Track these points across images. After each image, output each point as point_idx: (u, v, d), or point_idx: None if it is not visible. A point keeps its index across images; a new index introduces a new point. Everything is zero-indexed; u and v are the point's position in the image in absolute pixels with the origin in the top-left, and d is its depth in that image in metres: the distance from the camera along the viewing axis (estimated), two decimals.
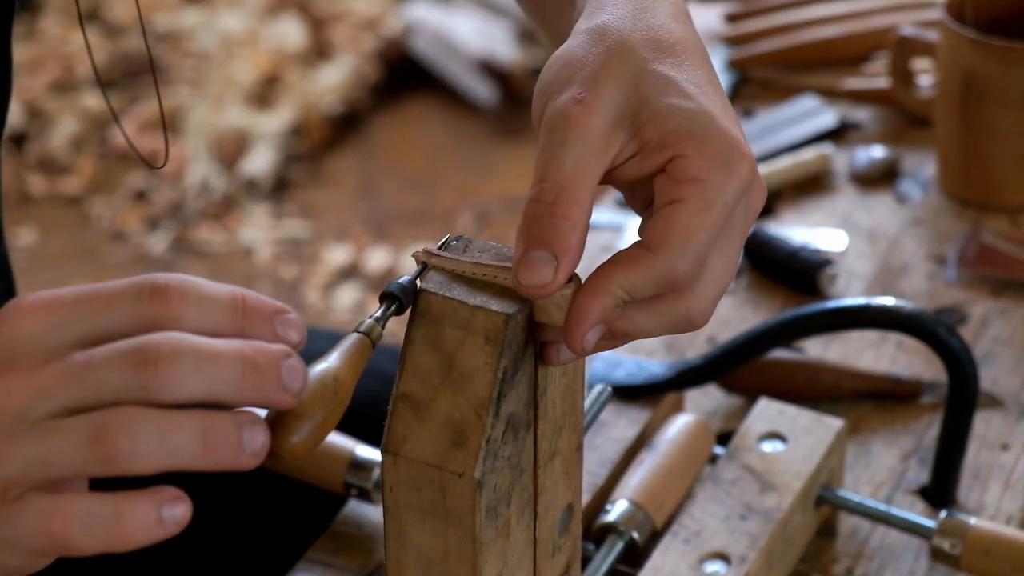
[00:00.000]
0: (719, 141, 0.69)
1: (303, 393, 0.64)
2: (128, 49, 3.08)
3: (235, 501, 1.06)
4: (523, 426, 0.73)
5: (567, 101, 0.69)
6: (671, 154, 0.69)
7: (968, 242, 1.22)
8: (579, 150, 0.68)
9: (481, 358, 0.70)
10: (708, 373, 1.02)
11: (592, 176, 0.68)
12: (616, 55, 0.70)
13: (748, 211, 0.71)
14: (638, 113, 0.69)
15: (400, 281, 0.71)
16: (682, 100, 0.69)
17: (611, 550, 0.91)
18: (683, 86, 0.69)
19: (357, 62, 2.99)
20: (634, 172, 0.70)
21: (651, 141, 0.69)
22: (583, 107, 0.68)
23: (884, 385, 1.08)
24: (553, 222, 0.68)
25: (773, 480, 0.93)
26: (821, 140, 1.36)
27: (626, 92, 0.69)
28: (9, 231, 2.72)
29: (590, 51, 0.70)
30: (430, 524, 0.72)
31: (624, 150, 0.70)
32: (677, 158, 0.68)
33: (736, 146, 0.69)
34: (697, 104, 0.69)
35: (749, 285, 1.20)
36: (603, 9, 0.73)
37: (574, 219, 0.68)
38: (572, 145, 0.68)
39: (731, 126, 0.70)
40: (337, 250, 2.68)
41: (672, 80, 0.69)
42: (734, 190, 0.69)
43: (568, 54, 0.71)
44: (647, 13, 0.72)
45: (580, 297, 0.69)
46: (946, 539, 0.92)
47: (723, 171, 0.68)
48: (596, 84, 0.69)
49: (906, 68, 1.32)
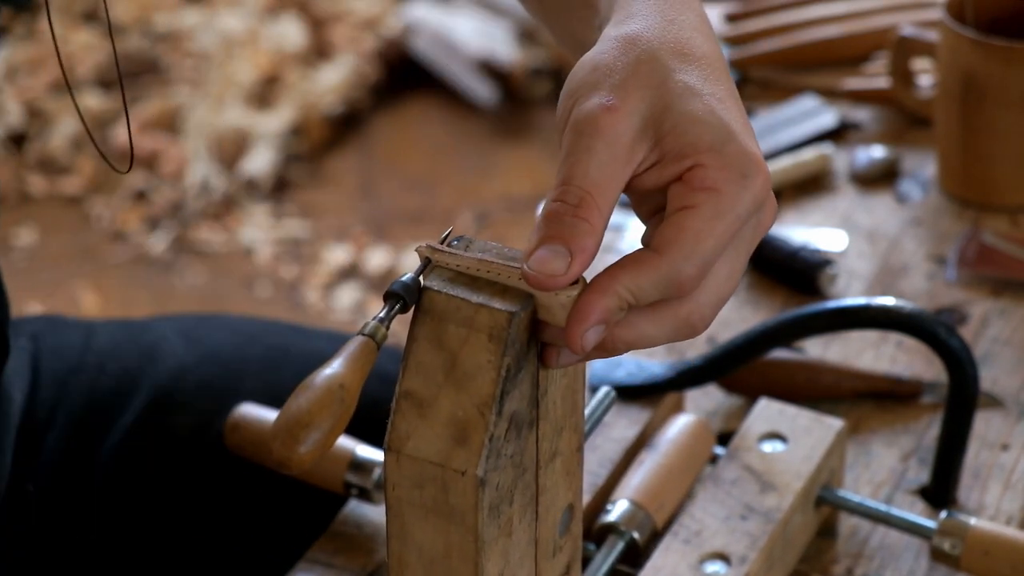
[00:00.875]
0: (738, 155, 0.70)
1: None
2: (128, 49, 3.08)
3: (235, 501, 1.06)
4: (526, 425, 0.73)
5: (595, 107, 0.69)
6: (690, 164, 0.69)
7: (968, 242, 1.22)
8: (605, 157, 0.69)
9: (484, 356, 0.70)
10: (708, 373, 1.02)
11: (616, 185, 0.69)
12: (645, 64, 0.71)
13: (758, 227, 0.72)
14: (661, 122, 0.70)
15: (403, 280, 0.71)
16: (705, 113, 0.70)
17: (612, 550, 0.91)
18: (706, 99, 0.70)
19: (357, 62, 2.99)
20: (652, 181, 0.71)
21: (671, 151, 0.70)
22: (611, 113, 0.69)
23: (884, 385, 1.08)
24: (574, 223, 0.68)
25: (773, 480, 0.93)
26: (821, 140, 1.36)
27: (652, 101, 0.70)
28: (9, 231, 2.72)
29: (619, 59, 0.71)
30: (432, 522, 0.72)
31: (646, 159, 0.70)
32: (695, 167, 0.69)
33: (755, 161, 0.70)
34: (718, 118, 0.70)
35: (749, 285, 1.20)
36: (633, 18, 0.73)
37: (594, 224, 0.68)
38: (599, 152, 0.69)
39: (750, 142, 0.71)
40: (337, 250, 2.68)
41: (696, 92, 0.70)
42: (748, 203, 0.70)
43: (597, 60, 0.71)
44: (675, 25, 0.73)
45: (584, 295, 0.69)
46: (946, 539, 0.92)
47: (739, 184, 0.69)
48: (624, 92, 0.70)
49: (906, 68, 1.32)
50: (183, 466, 1.07)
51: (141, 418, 1.07)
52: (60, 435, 1.07)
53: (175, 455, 1.07)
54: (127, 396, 1.08)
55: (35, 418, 1.07)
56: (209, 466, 1.06)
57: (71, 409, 1.07)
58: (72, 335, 1.12)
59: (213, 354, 1.12)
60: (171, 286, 2.63)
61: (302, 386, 0.67)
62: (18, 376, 1.06)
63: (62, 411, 1.07)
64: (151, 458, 1.07)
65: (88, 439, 1.07)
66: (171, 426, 1.07)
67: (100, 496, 1.06)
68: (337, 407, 0.65)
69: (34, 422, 1.06)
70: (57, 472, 1.06)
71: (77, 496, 1.06)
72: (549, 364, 0.72)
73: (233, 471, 1.05)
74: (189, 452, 1.07)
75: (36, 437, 1.06)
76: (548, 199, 0.69)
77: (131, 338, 1.13)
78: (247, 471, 1.03)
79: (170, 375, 1.09)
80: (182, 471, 1.07)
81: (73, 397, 1.08)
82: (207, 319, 1.19)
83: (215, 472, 1.06)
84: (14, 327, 1.10)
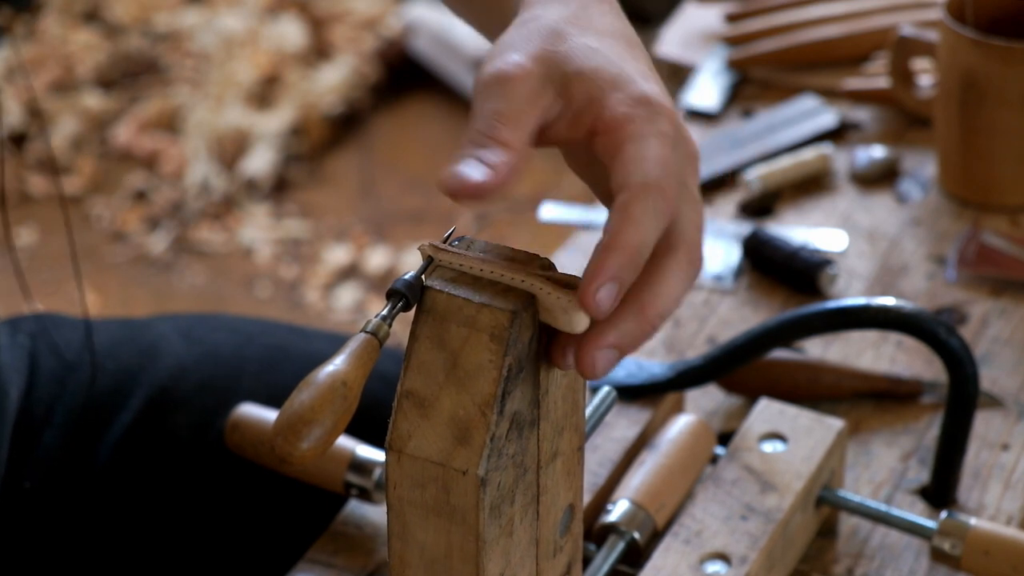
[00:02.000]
0: (638, 93, 0.73)
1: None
2: (128, 49, 3.08)
3: (235, 501, 1.06)
4: (527, 424, 0.73)
5: (497, 64, 0.73)
6: (597, 108, 0.72)
7: (968, 242, 1.22)
8: (511, 96, 0.72)
9: (486, 355, 0.70)
10: (708, 373, 1.02)
11: (525, 119, 0.72)
12: (544, 34, 0.75)
13: (689, 156, 0.75)
14: (563, 74, 0.73)
15: (406, 278, 0.71)
16: (604, 63, 0.74)
17: (612, 550, 0.91)
18: (606, 53, 0.74)
19: (357, 62, 2.99)
20: (565, 131, 0.74)
21: (577, 97, 0.73)
22: (512, 66, 0.73)
23: (884, 385, 1.08)
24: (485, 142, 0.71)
25: (774, 480, 0.93)
26: (821, 140, 1.36)
27: (551, 58, 0.73)
28: (9, 231, 2.72)
29: (520, 31, 0.75)
30: (433, 522, 0.73)
31: (552, 107, 0.73)
32: (603, 112, 0.72)
33: (656, 98, 0.73)
34: (618, 67, 0.74)
35: (749, 285, 1.20)
36: (536, 6, 0.77)
37: (506, 142, 0.71)
38: (504, 94, 0.72)
39: (652, 86, 0.74)
40: (337, 250, 2.68)
41: (596, 49, 0.74)
42: (664, 124, 0.73)
43: (500, 40, 0.75)
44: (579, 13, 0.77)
45: (593, 256, 0.70)
46: (946, 539, 0.92)
47: (647, 109, 0.72)
48: (524, 52, 0.73)
49: (906, 68, 1.32)
50: (182, 466, 1.07)
51: (140, 417, 1.07)
52: (58, 433, 1.07)
53: (174, 455, 1.07)
54: (126, 395, 1.08)
55: (32, 415, 1.07)
56: (208, 466, 1.06)
57: (69, 407, 1.08)
58: (71, 333, 1.12)
59: (212, 354, 1.12)
60: (171, 286, 2.63)
61: (304, 382, 0.67)
62: (15, 373, 1.06)
63: (60, 409, 1.07)
64: (149, 457, 1.07)
65: (86, 437, 1.07)
66: (170, 426, 1.07)
67: (98, 495, 1.06)
68: (339, 404, 0.65)
69: (31, 419, 1.06)
70: (54, 470, 1.06)
71: (75, 495, 1.06)
72: (556, 363, 0.72)
73: (233, 471, 1.05)
74: (188, 452, 1.07)
75: (33, 434, 1.06)
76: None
77: (130, 337, 1.13)
78: (247, 471, 1.03)
79: (169, 374, 1.10)
80: (181, 471, 1.07)
81: (71, 395, 1.08)
82: (207, 319, 1.19)
83: (214, 472, 1.06)
84: (12, 324, 1.10)
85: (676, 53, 1.49)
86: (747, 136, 1.36)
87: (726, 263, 1.22)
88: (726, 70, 1.45)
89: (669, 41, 1.51)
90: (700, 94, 1.42)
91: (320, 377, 0.66)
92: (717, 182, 1.32)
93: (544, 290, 0.71)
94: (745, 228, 1.25)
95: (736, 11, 1.51)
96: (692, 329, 1.16)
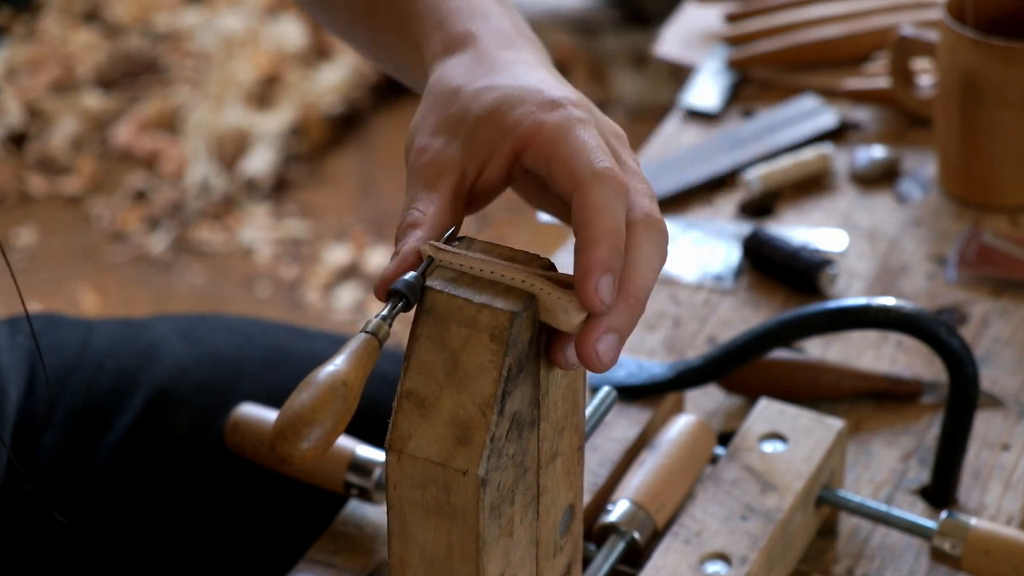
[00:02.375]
0: (540, 99, 0.76)
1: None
2: (128, 49, 3.08)
3: (235, 501, 1.06)
4: (527, 425, 0.73)
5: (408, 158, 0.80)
6: (511, 131, 0.76)
7: (968, 242, 1.22)
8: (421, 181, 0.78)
9: (486, 356, 0.70)
10: (708, 373, 1.02)
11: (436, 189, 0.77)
12: (441, 100, 0.80)
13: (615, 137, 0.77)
14: (467, 126, 0.78)
15: (406, 278, 0.71)
16: (500, 95, 0.77)
17: (612, 550, 0.91)
18: (500, 84, 0.78)
19: (357, 62, 2.99)
20: (504, 169, 0.77)
21: (488, 137, 0.77)
22: (415, 154, 0.79)
23: (884, 385, 1.08)
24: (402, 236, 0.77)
25: (774, 480, 0.93)
26: (821, 140, 1.36)
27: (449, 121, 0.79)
28: (9, 231, 2.72)
29: (423, 107, 0.81)
30: (433, 522, 0.73)
31: (470, 162, 0.77)
32: (517, 130, 0.76)
33: (557, 95, 0.76)
34: (516, 89, 0.77)
35: (749, 285, 1.20)
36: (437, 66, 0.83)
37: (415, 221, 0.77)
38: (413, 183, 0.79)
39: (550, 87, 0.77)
40: (337, 250, 2.68)
41: (489, 86, 0.78)
42: (577, 113, 0.75)
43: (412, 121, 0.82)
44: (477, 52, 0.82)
45: (579, 256, 0.71)
46: (946, 539, 0.92)
47: (554, 108, 0.75)
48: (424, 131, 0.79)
49: (906, 68, 1.32)
50: (181, 466, 1.07)
51: (139, 418, 1.07)
52: (58, 434, 1.07)
53: (174, 455, 1.07)
54: (126, 395, 1.08)
55: (32, 416, 1.07)
56: (208, 466, 1.06)
57: (69, 408, 1.07)
58: (71, 334, 1.12)
59: (212, 354, 1.12)
60: (171, 286, 2.63)
61: (305, 382, 0.67)
62: (15, 373, 1.06)
63: (60, 410, 1.07)
64: (149, 458, 1.07)
65: (86, 438, 1.07)
66: (170, 426, 1.07)
67: (98, 496, 1.06)
68: (340, 404, 0.65)
69: (31, 420, 1.06)
70: (55, 471, 1.06)
71: (75, 495, 1.05)
72: (556, 362, 0.73)
73: (233, 471, 1.05)
74: (188, 452, 1.07)
75: (33, 435, 1.06)
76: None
77: (130, 337, 1.13)
78: (247, 471, 1.03)
79: (169, 375, 1.10)
80: (180, 471, 1.07)
81: (71, 396, 1.08)
82: (206, 319, 1.19)
83: (214, 472, 1.06)
84: (11, 325, 1.10)
85: (676, 53, 1.49)
86: (747, 136, 1.36)
87: (726, 263, 1.22)
88: (726, 70, 1.45)
89: (669, 41, 1.51)
90: (700, 94, 1.42)
91: (320, 377, 0.66)
92: (717, 182, 1.32)
93: (544, 290, 0.71)
94: (745, 228, 1.25)
95: (736, 11, 1.51)
96: (692, 329, 1.16)
